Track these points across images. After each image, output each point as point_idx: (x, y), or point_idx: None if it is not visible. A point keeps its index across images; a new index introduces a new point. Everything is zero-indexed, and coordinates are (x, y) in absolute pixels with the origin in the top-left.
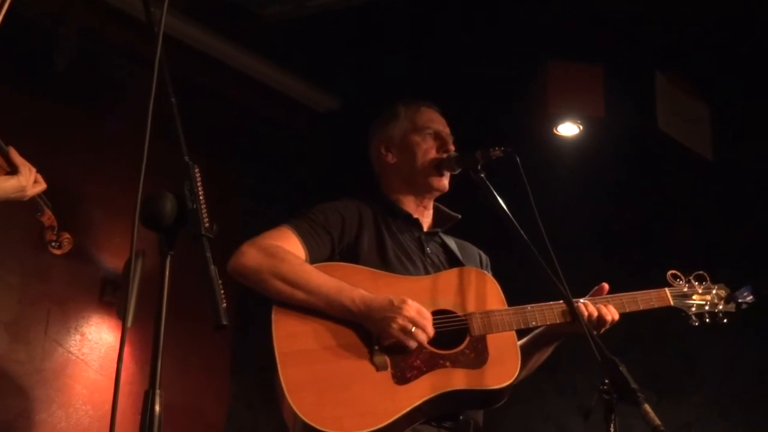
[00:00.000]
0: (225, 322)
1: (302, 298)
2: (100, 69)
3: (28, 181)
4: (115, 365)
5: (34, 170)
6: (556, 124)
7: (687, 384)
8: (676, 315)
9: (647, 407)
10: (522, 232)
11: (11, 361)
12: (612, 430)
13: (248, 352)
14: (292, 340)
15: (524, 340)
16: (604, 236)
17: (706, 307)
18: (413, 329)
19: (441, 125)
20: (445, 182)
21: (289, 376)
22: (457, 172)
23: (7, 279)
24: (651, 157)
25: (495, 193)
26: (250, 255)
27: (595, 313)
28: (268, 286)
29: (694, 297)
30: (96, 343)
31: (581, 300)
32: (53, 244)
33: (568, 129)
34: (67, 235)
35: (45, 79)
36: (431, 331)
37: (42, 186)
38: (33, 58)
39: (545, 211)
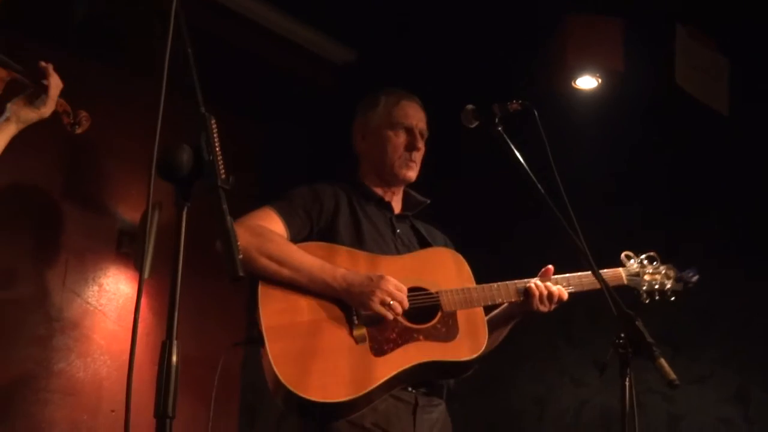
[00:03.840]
0: (242, 274)
1: (288, 275)
2: (118, 22)
3: (50, 110)
4: (132, 316)
5: (59, 86)
6: (574, 78)
7: (702, 338)
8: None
9: (662, 361)
10: (540, 186)
11: (30, 311)
12: (627, 384)
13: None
14: (278, 315)
15: (486, 318)
16: (619, 189)
17: (656, 286)
18: (391, 302)
19: (416, 120)
20: (411, 174)
21: (275, 349)
22: (474, 126)
23: (25, 230)
24: (669, 111)
25: (513, 147)
26: (238, 234)
27: (545, 292)
28: (256, 264)
29: (645, 276)
30: (114, 294)
31: (531, 280)
32: (73, 126)
33: (587, 82)
34: (84, 113)
35: (63, 31)
36: (406, 303)
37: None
38: (51, 9)
39: (561, 164)
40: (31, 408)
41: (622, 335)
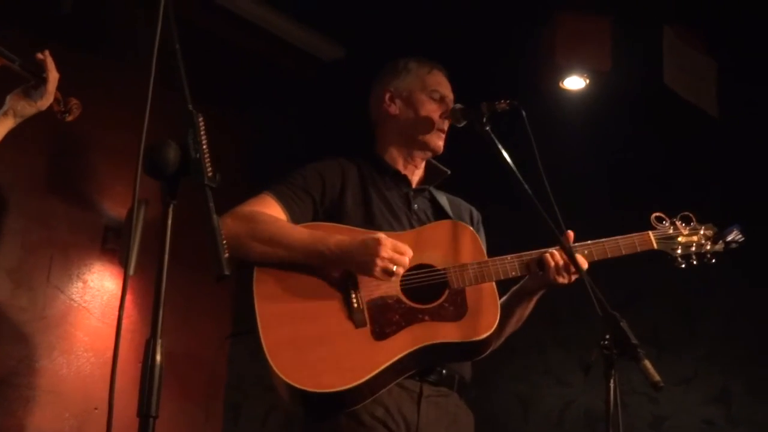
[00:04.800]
0: (227, 272)
1: (282, 255)
2: (106, 13)
3: (47, 103)
4: (116, 313)
5: (56, 79)
6: (562, 78)
7: (687, 339)
8: (676, 269)
9: (647, 363)
10: (525, 184)
11: (13, 307)
12: (612, 385)
13: (250, 299)
14: (273, 301)
15: (504, 297)
16: (606, 190)
17: (693, 248)
18: (395, 269)
19: (447, 90)
20: (441, 144)
21: (268, 337)
22: (462, 125)
23: (9, 224)
24: (657, 111)
25: (499, 145)
26: (227, 224)
27: (561, 262)
28: (249, 250)
29: (679, 239)
30: (98, 290)
31: (549, 249)
32: (63, 114)
33: (574, 83)
34: (74, 101)
35: (51, 22)
36: (406, 262)
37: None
38: (39, 0)
39: (549, 164)
40: (12, 405)
41: (608, 336)
